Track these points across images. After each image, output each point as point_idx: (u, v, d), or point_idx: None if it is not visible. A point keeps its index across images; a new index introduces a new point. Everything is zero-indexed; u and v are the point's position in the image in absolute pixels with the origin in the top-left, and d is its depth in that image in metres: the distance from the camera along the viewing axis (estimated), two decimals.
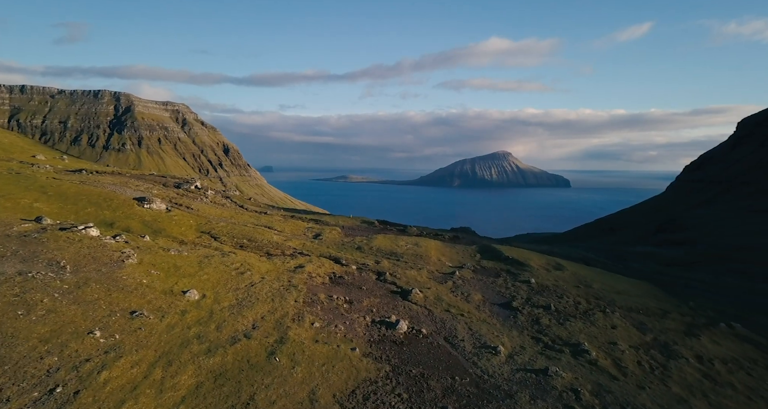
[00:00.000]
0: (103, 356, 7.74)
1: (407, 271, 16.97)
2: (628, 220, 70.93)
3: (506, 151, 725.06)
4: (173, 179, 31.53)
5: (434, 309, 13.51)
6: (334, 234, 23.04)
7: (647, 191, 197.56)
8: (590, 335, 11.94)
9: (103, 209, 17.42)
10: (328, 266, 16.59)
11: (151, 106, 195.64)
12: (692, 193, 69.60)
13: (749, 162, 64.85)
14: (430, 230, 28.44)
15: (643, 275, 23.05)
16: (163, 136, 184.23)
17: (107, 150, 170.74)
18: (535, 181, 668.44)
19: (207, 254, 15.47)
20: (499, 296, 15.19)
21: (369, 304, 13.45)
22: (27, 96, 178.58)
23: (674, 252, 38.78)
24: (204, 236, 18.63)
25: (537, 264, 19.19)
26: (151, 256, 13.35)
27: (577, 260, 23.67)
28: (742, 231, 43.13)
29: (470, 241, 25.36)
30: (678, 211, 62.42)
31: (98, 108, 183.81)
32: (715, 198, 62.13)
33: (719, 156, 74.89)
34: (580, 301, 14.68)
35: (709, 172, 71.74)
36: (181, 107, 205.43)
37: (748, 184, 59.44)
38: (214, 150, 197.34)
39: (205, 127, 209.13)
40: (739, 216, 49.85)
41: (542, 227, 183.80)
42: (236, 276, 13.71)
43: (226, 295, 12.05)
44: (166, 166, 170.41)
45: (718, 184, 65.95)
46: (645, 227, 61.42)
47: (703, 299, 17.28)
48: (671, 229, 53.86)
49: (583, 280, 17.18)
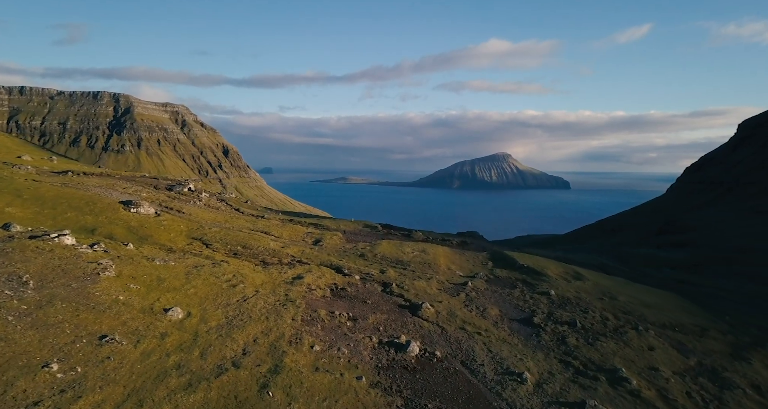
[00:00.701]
0: (57, 397, 6.37)
1: (415, 281, 15.59)
2: (629, 221, 70.32)
3: (506, 153, 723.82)
4: (165, 181, 30.11)
5: (448, 327, 12.14)
6: (336, 240, 21.67)
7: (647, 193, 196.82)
8: (626, 359, 10.56)
9: (85, 214, 16.06)
10: (329, 277, 15.22)
11: (150, 107, 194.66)
12: (693, 195, 69.08)
13: (751, 163, 64.24)
14: (437, 235, 27.09)
15: (664, 284, 21.68)
16: (163, 138, 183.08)
17: (106, 151, 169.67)
18: (535, 183, 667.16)
19: (196, 264, 14.11)
20: (517, 311, 13.81)
21: (375, 321, 12.08)
22: (26, 97, 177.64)
23: (676, 254, 37.95)
24: (195, 242, 17.26)
25: (555, 273, 17.82)
26: (133, 267, 11.98)
27: (595, 267, 22.31)
28: (744, 233, 42.45)
29: (480, 247, 23.98)
30: (679, 212, 61.87)
31: (97, 109, 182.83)
32: (716, 199, 61.50)
33: (720, 157, 74.34)
34: (608, 316, 13.30)
35: (710, 174, 71.18)
36: (181, 109, 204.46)
37: (750, 186, 58.85)
38: (214, 151, 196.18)
39: (205, 128, 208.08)
40: (742, 217, 49.09)
41: (542, 228, 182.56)
42: (227, 289, 12.34)
43: (214, 312, 10.68)
44: (165, 167, 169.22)
45: (719, 185, 65.37)
46: (646, 228, 60.85)
47: (737, 312, 15.91)
48: (673, 230, 53.26)
49: (606, 291, 15.80)
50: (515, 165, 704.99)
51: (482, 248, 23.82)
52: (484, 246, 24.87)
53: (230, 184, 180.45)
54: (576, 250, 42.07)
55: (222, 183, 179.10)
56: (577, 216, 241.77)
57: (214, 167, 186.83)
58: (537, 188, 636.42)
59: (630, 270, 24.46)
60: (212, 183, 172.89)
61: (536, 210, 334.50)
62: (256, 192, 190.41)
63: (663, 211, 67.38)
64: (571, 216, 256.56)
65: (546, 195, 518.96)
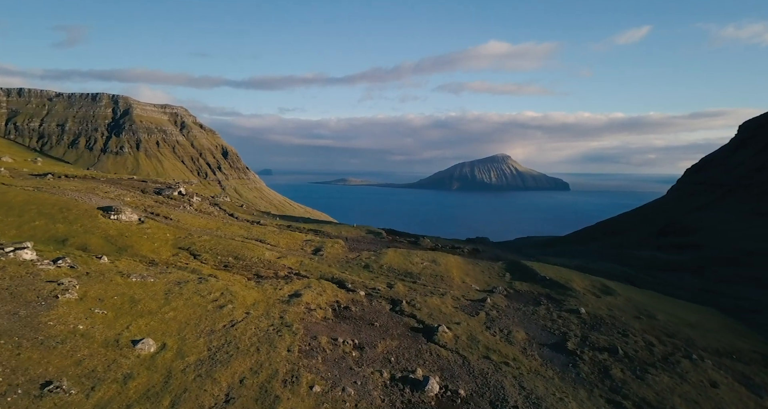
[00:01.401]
0: None
1: (428, 298, 13.86)
2: (629, 223, 69.46)
3: (505, 155, 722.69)
4: (155, 184, 28.29)
5: (470, 355, 10.40)
6: (337, 248, 19.95)
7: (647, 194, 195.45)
8: (688, 399, 8.82)
9: (57, 222, 14.35)
10: (330, 293, 13.49)
11: (149, 109, 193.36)
12: (694, 196, 68.43)
13: (752, 165, 63.54)
14: (446, 242, 25.35)
15: (695, 295, 19.96)
16: (162, 139, 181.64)
17: (105, 153, 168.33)
18: (534, 184, 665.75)
19: (180, 279, 12.38)
20: (546, 333, 12.08)
21: (385, 349, 10.34)
22: (25, 99, 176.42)
23: (679, 256, 36.87)
24: (182, 253, 15.53)
25: (581, 287, 16.10)
26: (101, 286, 10.25)
27: (620, 278, 20.59)
28: (747, 235, 41.86)
29: (493, 255, 22.25)
30: (680, 214, 61.35)
31: (96, 111, 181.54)
32: (717, 201, 60.80)
33: (721, 159, 73.63)
34: (652, 340, 11.57)
35: (710, 175, 70.53)
36: (180, 110, 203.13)
37: (751, 187, 58.13)
38: (213, 153, 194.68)
39: (204, 130, 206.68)
40: (744, 219, 48.22)
41: (542, 229, 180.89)
42: (213, 312, 10.61)
43: (195, 343, 8.95)
44: (164, 169, 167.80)
45: (720, 187, 64.65)
46: (647, 230, 60.16)
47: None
48: (674, 232, 52.49)
49: (642, 309, 14.08)
50: (514, 166, 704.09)
51: (496, 256, 22.07)
52: (498, 254, 23.10)
53: (229, 186, 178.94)
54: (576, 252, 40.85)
55: (221, 185, 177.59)
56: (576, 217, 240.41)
57: (213, 169, 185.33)
58: (536, 190, 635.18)
59: (653, 280, 22.77)
60: (211, 185, 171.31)
61: (536, 211, 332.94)
62: (256, 194, 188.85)
63: (663, 212, 66.62)
64: (571, 217, 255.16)
65: (545, 196, 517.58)
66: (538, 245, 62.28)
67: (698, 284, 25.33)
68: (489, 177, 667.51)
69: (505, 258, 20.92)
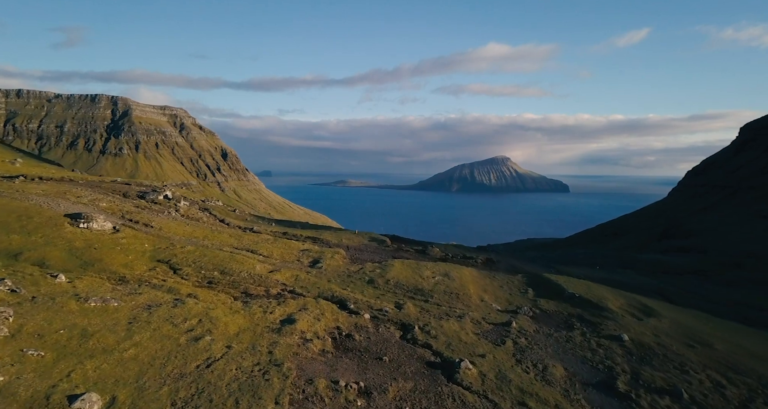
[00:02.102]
0: None
1: (444, 322, 11.87)
2: (630, 225, 68.33)
3: (505, 156, 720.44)
4: (139, 187, 26.25)
5: (501, 402, 8.41)
6: (338, 259, 17.95)
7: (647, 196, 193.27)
8: None
9: (13, 232, 12.40)
10: (330, 316, 11.50)
11: (148, 110, 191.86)
12: (695, 198, 67.50)
13: (754, 167, 62.64)
14: (456, 250, 23.32)
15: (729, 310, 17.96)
16: (161, 141, 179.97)
17: (104, 155, 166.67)
18: (534, 186, 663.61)
19: (151, 302, 10.41)
20: (588, 368, 10.08)
21: (397, 394, 8.36)
22: (23, 100, 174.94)
23: (683, 259, 35.43)
24: (160, 267, 13.55)
25: (616, 306, 14.11)
26: (46, 316, 8.28)
27: (654, 293, 18.57)
28: (751, 237, 40.83)
29: (509, 266, 20.22)
30: (681, 216, 60.50)
31: (95, 112, 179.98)
32: (719, 203, 59.83)
33: (722, 161, 72.64)
34: (719, 380, 9.58)
35: (712, 177, 69.56)
36: (179, 112, 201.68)
37: (753, 189, 57.14)
38: (212, 155, 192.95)
39: (203, 131, 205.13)
40: (746, 222, 46.96)
41: (542, 231, 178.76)
42: (186, 346, 8.63)
43: (155, 395, 6.95)
44: (163, 171, 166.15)
45: (722, 189, 63.61)
46: (649, 232, 59.10)
47: None
48: (677, 234, 51.32)
49: (693, 334, 12.10)
50: (514, 168, 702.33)
51: (513, 267, 20.06)
52: (514, 265, 21.07)
53: (229, 188, 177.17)
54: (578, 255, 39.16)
55: (220, 186, 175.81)
56: (576, 219, 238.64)
57: (212, 171, 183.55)
58: (536, 192, 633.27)
59: (685, 292, 20.75)
60: (210, 186, 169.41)
61: (536, 213, 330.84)
62: (255, 195, 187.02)
63: (665, 214, 65.59)
64: (571, 219, 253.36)
65: (545, 198, 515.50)
66: (538, 247, 60.77)
67: (725, 294, 23.47)
68: (489, 179, 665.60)
69: (523, 270, 18.91)
